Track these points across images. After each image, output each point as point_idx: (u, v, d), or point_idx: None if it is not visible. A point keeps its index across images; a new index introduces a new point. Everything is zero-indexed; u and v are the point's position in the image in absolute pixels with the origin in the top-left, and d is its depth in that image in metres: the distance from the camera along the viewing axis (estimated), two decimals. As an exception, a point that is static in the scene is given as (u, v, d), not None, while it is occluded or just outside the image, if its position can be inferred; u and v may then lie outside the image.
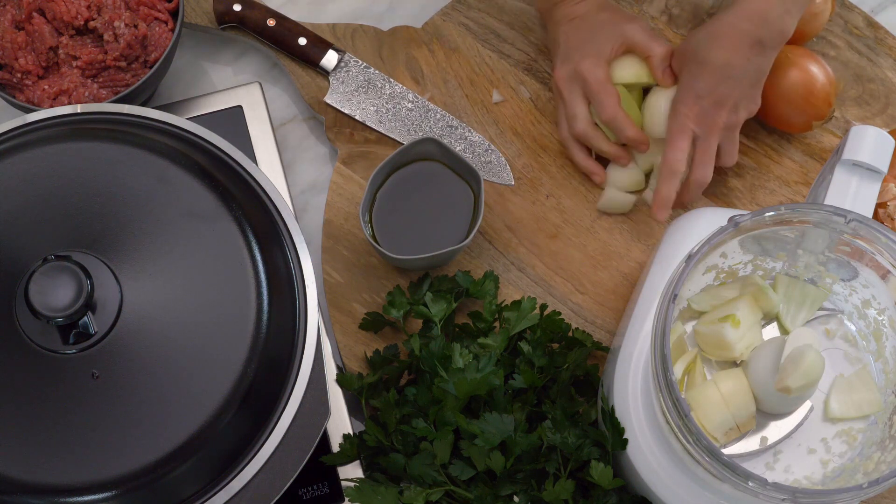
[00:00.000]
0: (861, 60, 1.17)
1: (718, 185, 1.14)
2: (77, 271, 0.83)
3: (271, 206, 0.95)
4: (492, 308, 1.06)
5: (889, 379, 0.97)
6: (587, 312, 1.11)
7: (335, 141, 1.15)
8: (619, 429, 0.97)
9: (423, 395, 1.01)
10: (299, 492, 1.03)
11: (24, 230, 0.88)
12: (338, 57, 1.15)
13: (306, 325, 0.93)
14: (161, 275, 0.88)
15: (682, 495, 0.95)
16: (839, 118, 1.16)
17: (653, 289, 1.00)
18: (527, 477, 0.99)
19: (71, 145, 0.91)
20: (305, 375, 0.92)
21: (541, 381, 1.02)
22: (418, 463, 0.99)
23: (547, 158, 1.15)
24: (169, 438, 0.85)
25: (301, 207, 1.16)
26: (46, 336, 0.86)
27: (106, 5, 1.07)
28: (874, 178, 0.94)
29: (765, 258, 0.99)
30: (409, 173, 1.11)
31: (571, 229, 1.13)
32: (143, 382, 0.86)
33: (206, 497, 0.89)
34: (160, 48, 1.09)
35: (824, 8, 1.13)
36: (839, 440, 0.96)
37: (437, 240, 1.09)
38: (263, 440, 0.90)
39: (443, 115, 1.15)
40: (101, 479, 0.85)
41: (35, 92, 1.07)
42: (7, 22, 1.07)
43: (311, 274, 0.94)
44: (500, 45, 1.18)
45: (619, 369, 0.98)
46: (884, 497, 1.05)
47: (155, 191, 0.90)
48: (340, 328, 1.09)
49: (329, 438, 1.04)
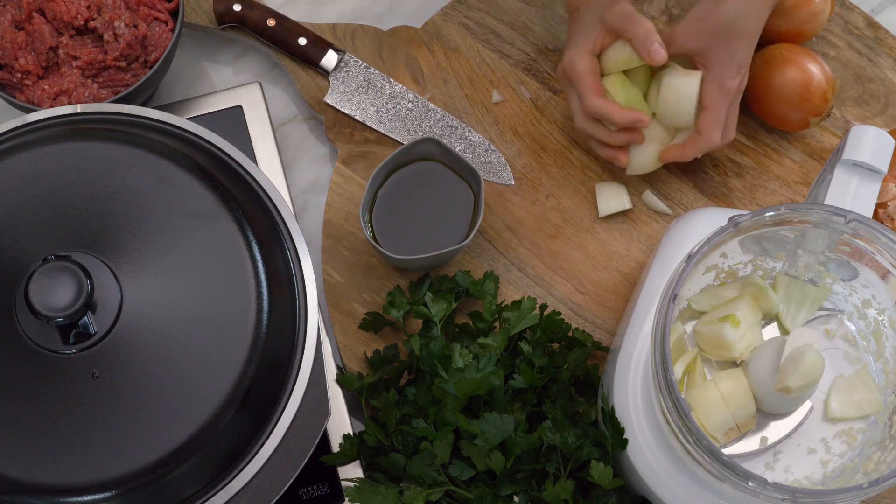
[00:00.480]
0: (861, 60, 1.17)
1: (718, 186, 1.14)
2: (77, 271, 0.83)
3: (271, 206, 0.95)
4: (492, 308, 1.06)
5: (889, 379, 0.97)
6: (587, 312, 1.11)
7: (335, 141, 1.15)
8: (619, 429, 0.97)
9: (423, 395, 1.01)
10: (299, 492, 1.03)
11: (24, 230, 0.88)
12: (338, 57, 1.15)
13: (306, 325, 0.93)
14: (161, 275, 0.88)
15: (682, 495, 0.95)
16: (839, 118, 1.16)
17: (653, 289, 1.00)
18: (527, 477, 0.99)
19: (71, 145, 0.91)
20: (305, 375, 0.92)
21: (541, 381, 1.02)
22: (418, 463, 0.99)
23: (547, 158, 1.15)
24: (169, 438, 0.85)
25: (301, 207, 1.16)
26: (46, 336, 0.86)
27: (106, 5, 1.07)
28: (874, 178, 0.94)
29: (765, 258, 0.99)
30: (409, 173, 1.11)
31: (571, 229, 1.13)
32: (143, 382, 0.86)
33: (206, 497, 0.89)
34: (160, 48, 1.09)
35: (824, 8, 1.13)
36: (839, 440, 0.96)
37: (437, 240, 1.09)
38: (263, 440, 0.90)
39: (443, 115, 1.15)
40: (101, 479, 0.85)
41: (35, 92, 1.07)
42: (7, 22, 1.07)
43: (311, 274, 0.94)
44: (500, 45, 1.18)
45: (619, 369, 0.98)
46: (884, 497, 1.05)
47: (155, 191, 0.90)
48: (340, 328, 1.09)
49: (329, 438, 1.04)
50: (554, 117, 1.16)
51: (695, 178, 1.14)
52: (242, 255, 0.89)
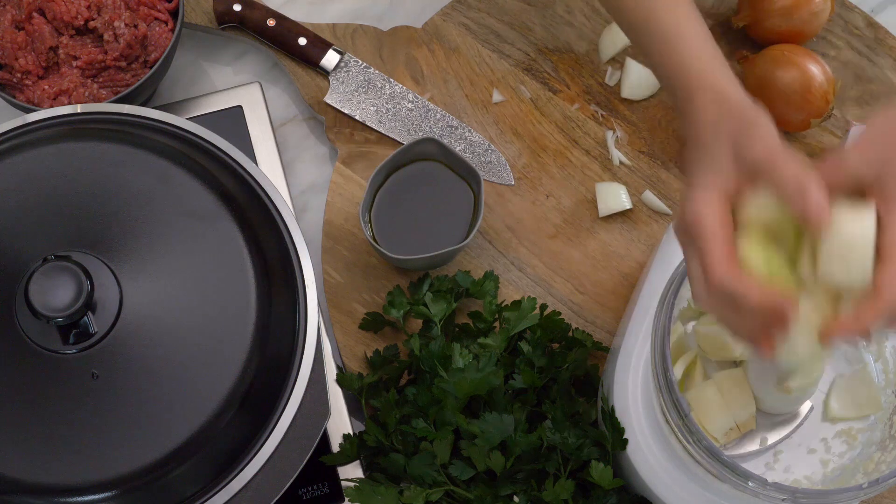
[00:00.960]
0: (861, 60, 1.17)
1: (718, 185, 1.14)
2: (77, 271, 0.83)
3: (271, 206, 0.95)
4: (492, 308, 1.06)
5: (889, 379, 0.97)
6: (587, 312, 1.11)
7: (335, 141, 1.15)
8: (619, 429, 0.97)
9: (423, 395, 1.01)
10: (299, 492, 1.03)
11: (24, 230, 0.88)
12: (338, 57, 1.15)
13: (306, 325, 0.93)
14: (161, 275, 0.88)
15: (682, 495, 0.95)
16: (839, 117, 1.16)
17: (653, 289, 1.00)
18: (527, 477, 0.99)
19: (71, 145, 0.91)
20: (305, 375, 0.92)
21: (541, 381, 1.02)
22: (418, 463, 0.99)
23: (547, 158, 1.15)
24: (169, 438, 0.85)
25: (301, 207, 1.16)
26: (46, 336, 0.86)
27: (106, 5, 1.07)
28: (874, 179, 0.93)
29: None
30: (409, 173, 1.11)
31: (571, 229, 1.13)
32: (143, 382, 0.86)
33: (206, 497, 0.89)
34: (160, 48, 1.09)
35: (824, 8, 1.13)
36: (839, 440, 0.97)
37: (437, 240, 1.09)
38: (263, 440, 0.90)
39: (443, 115, 1.15)
40: (101, 479, 0.85)
41: (35, 92, 1.07)
42: (7, 22, 1.07)
43: (311, 274, 0.94)
44: (500, 45, 1.18)
45: (619, 369, 0.98)
46: (884, 497, 1.05)
47: (155, 191, 0.90)
48: (340, 328, 1.09)
49: (329, 438, 1.04)
50: (554, 117, 1.16)
51: (695, 178, 1.14)
52: (242, 256, 0.89)
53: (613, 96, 1.16)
